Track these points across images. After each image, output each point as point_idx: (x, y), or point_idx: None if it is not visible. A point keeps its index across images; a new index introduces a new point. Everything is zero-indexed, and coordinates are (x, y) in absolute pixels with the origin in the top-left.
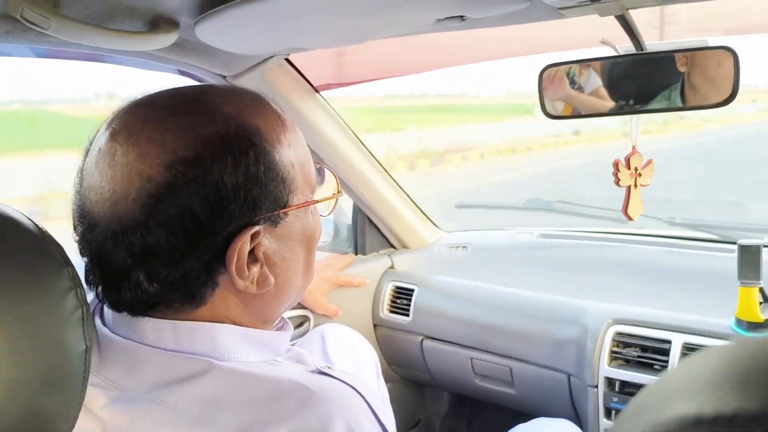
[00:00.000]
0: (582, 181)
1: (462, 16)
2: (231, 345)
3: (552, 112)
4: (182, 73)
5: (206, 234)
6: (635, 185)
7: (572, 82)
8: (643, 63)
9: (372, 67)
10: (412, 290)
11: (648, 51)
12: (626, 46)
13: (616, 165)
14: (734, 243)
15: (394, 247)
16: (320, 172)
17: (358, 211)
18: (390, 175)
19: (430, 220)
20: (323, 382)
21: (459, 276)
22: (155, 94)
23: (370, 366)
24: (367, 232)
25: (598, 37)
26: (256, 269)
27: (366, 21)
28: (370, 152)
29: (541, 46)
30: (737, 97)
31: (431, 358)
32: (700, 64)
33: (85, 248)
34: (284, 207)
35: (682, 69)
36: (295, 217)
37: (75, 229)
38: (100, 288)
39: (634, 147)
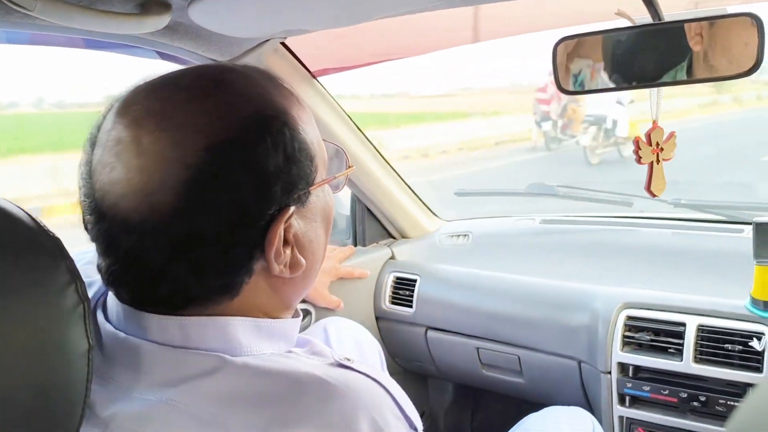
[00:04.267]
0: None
1: None
2: (243, 338)
3: (566, 86)
4: (165, 57)
5: (252, 218)
6: (657, 161)
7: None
8: (659, 34)
9: (368, 50)
10: (415, 280)
11: (666, 21)
12: (642, 17)
13: (636, 143)
14: (741, 223)
15: (393, 238)
16: (337, 154)
17: (356, 201)
18: (389, 164)
19: (430, 209)
20: (344, 376)
21: (461, 265)
22: (174, 74)
23: (374, 359)
24: (366, 223)
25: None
26: (288, 252)
27: (365, 0)
28: (368, 140)
29: (530, 26)
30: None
31: (436, 349)
32: (718, 33)
33: (110, 247)
34: (312, 185)
35: (698, 39)
36: (317, 196)
37: (88, 228)
38: (130, 287)
39: (654, 121)
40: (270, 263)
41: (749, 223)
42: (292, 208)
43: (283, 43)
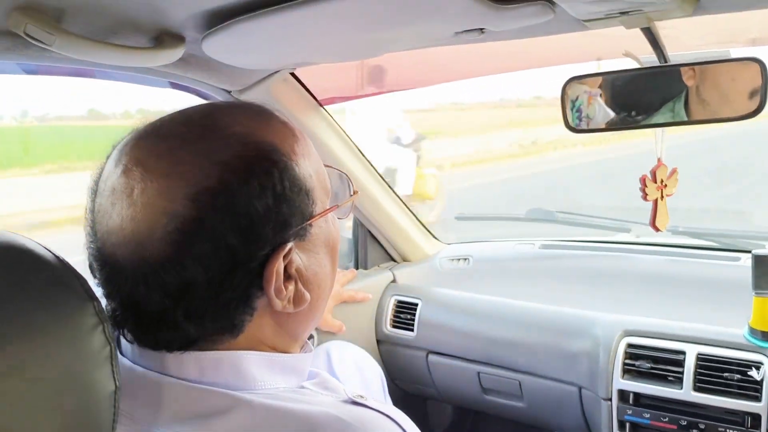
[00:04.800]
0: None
1: (482, 29)
2: (257, 373)
3: (572, 122)
4: (177, 86)
5: (242, 261)
6: (662, 197)
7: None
8: (660, 75)
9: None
10: (416, 304)
11: (672, 63)
12: (649, 58)
13: (643, 181)
14: (737, 251)
15: (395, 261)
16: (341, 180)
17: (358, 225)
18: (390, 188)
19: (430, 233)
20: (359, 414)
21: (462, 288)
22: (157, 122)
23: (376, 383)
24: (368, 246)
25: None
26: (291, 287)
27: (381, 35)
28: (371, 165)
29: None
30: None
31: (437, 373)
32: (725, 75)
33: (113, 293)
34: (309, 219)
35: (706, 80)
36: (319, 227)
37: (94, 273)
38: (132, 330)
39: (659, 159)
40: (271, 300)
41: (745, 251)
42: (290, 245)
43: (292, 73)
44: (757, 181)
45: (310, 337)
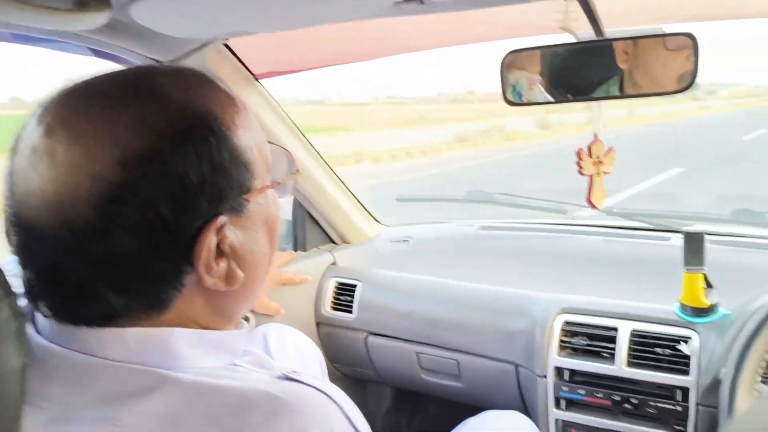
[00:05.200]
0: None
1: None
2: (186, 350)
3: (512, 99)
4: (102, 55)
5: (174, 233)
6: (597, 173)
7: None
8: (596, 50)
9: (317, 53)
10: (355, 286)
11: (609, 38)
12: (586, 34)
13: (578, 154)
14: (668, 231)
15: (334, 243)
16: (283, 157)
17: (297, 206)
18: (331, 169)
19: (371, 215)
20: (293, 389)
21: (402, 270)
22: (89, 81)
23: (315, 366)
24: (307, 228)
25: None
26: (223, 264)
27: (317, 4)
28: (311, 144)
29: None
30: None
31: (376, 355)
32: (657, 60)
33: (29, 261)
34: (247, 193)
35: (625, 57)
36: (257, 204)
37: (10, 239)
38: (50, 303)
39: (596, 135)
40: (201, 277)
41: (675, 231)
42: (223, 219)
43: (226, 45)
44: (689, 169)
45: (247, 318)
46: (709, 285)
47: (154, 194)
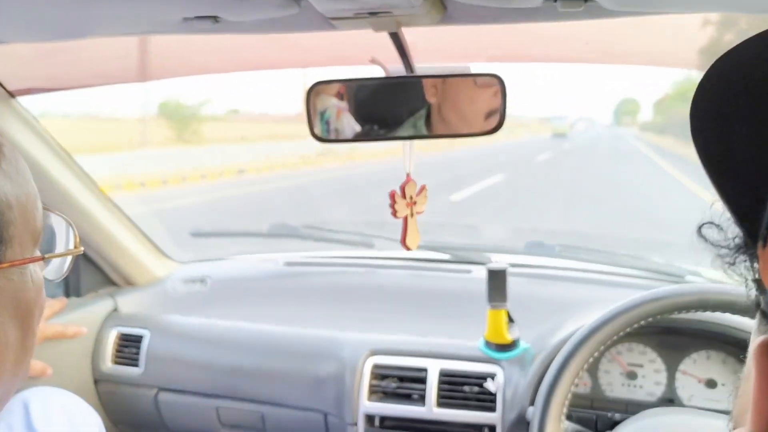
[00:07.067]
0: None
1: (216, 17)
2: None
3: (319, 134)
4: None
5: None
6: (411, 214)
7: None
8: (414, 86)
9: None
10: (142, 336)
11: (418, 75)
12: (396, 67)
13: (392, 196)
14: (469, 263)
15: (116, 285)
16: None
17: None
18: (110, 200)
19: (161, 251)
20: None
21: (198, 315)
22: None
23: None
24: (81, 269)
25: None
26: None
27: (90, 12)
28: (82, 171)
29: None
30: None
31: (169, 413)
32: (465, 96)
33: None
34: None
35: (434, 91)
36: (7, 280)
37: None
38: None
39: (408, 175)
40: None
41: (476, 263)
42: None
43: None
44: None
45: None
46: (511, 320)
47: None
